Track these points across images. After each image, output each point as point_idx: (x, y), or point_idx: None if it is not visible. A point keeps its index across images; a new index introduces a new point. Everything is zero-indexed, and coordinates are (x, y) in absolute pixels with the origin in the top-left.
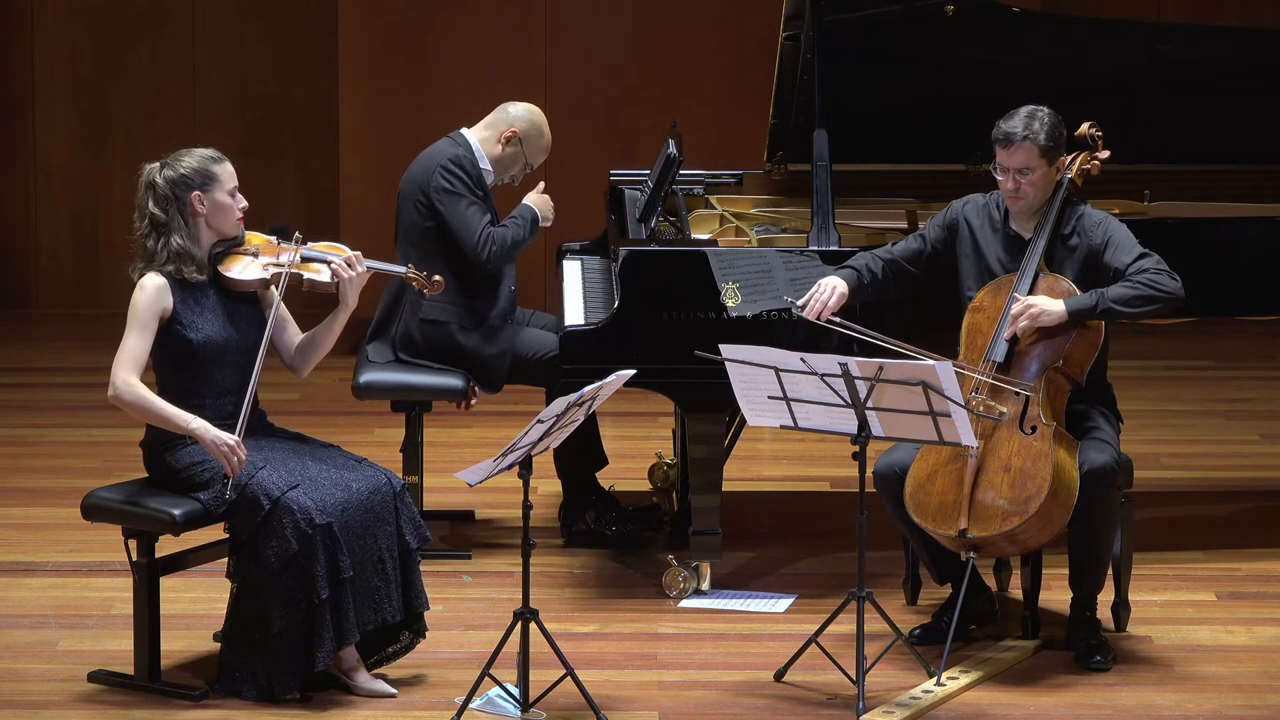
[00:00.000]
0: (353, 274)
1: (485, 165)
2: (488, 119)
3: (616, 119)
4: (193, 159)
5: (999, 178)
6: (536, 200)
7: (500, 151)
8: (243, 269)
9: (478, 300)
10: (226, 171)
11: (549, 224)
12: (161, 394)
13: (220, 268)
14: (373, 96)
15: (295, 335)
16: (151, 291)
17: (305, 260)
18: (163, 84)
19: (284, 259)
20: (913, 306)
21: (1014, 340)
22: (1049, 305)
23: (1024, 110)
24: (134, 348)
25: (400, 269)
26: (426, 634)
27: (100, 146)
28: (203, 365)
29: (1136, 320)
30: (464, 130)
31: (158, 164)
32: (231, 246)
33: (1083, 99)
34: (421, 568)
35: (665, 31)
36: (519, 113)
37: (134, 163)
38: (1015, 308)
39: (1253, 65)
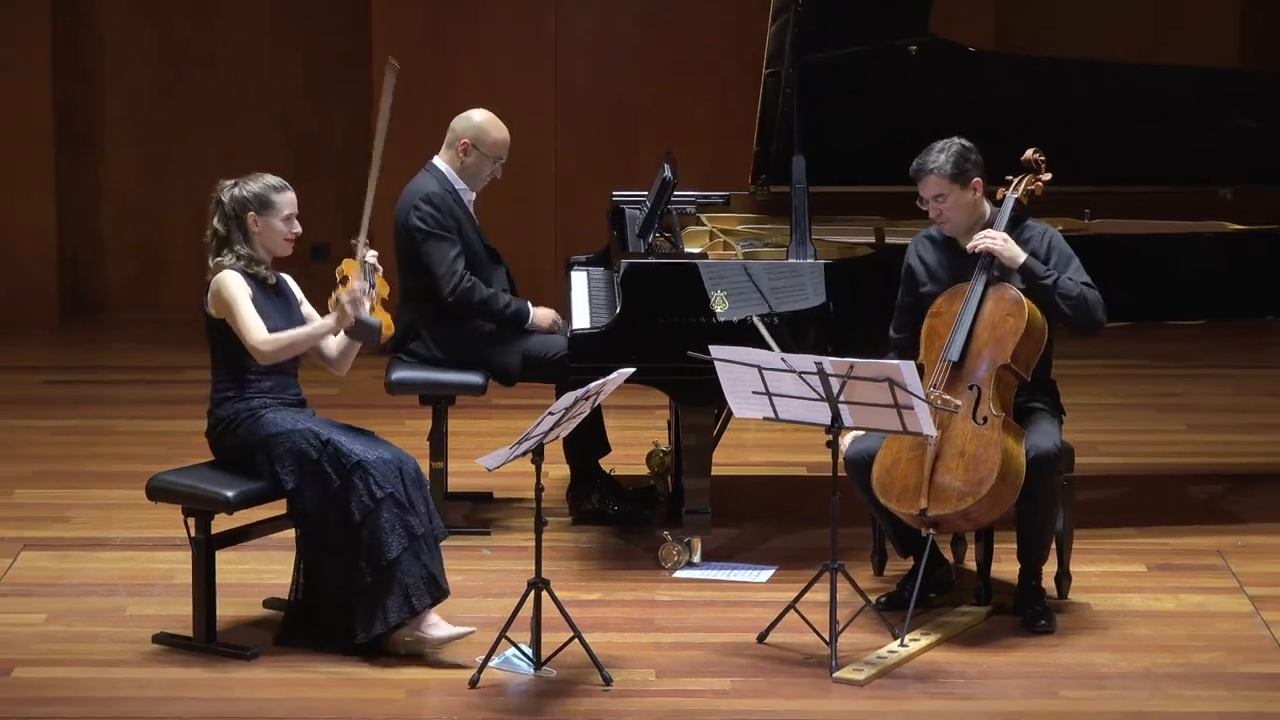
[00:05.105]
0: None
1: (460, 184)
2: (445, 140)
3: (619, 147)
4: (257, 184)
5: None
6: (541, 312)
7: (463, 163)
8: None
9: (474, 320)
10: (285, 200)
11: (533, 330)
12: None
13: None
14: (400, 128)
15: (334, 340)
16: (235, 277)
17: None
18: (211, 116)
19: (357, 285)
20: (883, 321)
21: (968, 341)
22: (1013, 247)
23: (936, 145)
24: (248, 318)
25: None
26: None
27: (161, 175)
28: None
29: (1054, 317)
30: (435, 159)
31: (230, 182)
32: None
33: (1031, 128)
34: (446, 542)
35: (663, 68)
36: (463, 125)
37: (192, 189)
38: (983, 233)
39: (1185, 99)
